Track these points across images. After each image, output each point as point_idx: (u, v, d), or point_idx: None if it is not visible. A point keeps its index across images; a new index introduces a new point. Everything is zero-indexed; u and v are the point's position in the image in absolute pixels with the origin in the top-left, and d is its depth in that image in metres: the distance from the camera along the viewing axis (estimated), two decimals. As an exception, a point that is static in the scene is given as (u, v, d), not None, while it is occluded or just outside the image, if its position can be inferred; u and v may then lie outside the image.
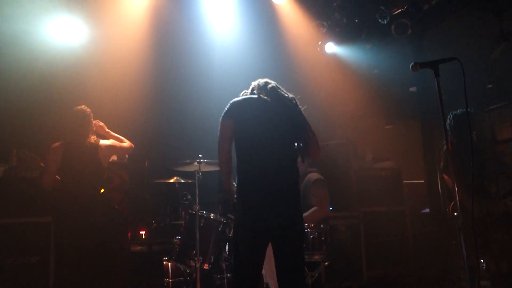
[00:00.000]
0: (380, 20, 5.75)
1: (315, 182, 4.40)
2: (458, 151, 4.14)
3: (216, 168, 4.12)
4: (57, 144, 4.00)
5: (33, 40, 5.13)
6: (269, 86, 3.05)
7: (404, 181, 6.17)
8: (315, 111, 7.19)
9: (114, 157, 4.84)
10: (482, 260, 5.90)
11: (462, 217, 2.48)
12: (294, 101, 3.03)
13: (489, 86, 8.58)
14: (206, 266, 3.79)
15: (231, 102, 2.99)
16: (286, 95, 3.02)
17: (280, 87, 3.11)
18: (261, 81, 3.12)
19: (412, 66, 2.66)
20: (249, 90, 3.13)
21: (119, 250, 4.56)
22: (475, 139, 4.71)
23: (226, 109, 2.96)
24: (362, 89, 7.74)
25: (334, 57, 6.53)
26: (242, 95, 3.12)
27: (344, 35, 6.22)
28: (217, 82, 5.88)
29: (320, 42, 6.40)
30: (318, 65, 6.81)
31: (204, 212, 3.94)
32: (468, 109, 3.74)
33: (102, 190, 4.47)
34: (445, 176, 4.35)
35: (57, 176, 3.97)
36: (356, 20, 6.04)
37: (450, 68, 2.87)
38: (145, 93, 6.01)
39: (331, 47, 6.39)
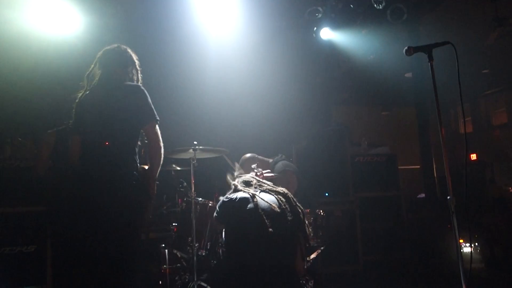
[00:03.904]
0: (375, 5, 5.71)
1: (282, 172, 4.50)
2: None
3: (212, 155, 4.13)
4: (51, 131, 4.00)
5: (26, 28, 5.08)
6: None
7: (399, 167, 6.19)
8: (311, 97, 7.23)
9: None
10: (476, 244, 5.98)
11: (454, 201, 2.50)
12: None
13: (485, 71, 8.59)
14: (202, 252, 3.82)
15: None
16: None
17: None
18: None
19: (406, 50, 2.66)
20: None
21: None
22: None
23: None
24: (358, 75, 7.73)
25: (329, 43, 6.49)
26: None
27: (339, 21, 6.17)
28: (212, 69, 5.86)
29: (315, 28, 6.36)
30: (313, 51, 6.78)
31: (200, 199, 3.95)
32: None
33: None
34: None
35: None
36: (351, 6, 5.99)
37: (446, 54, 2.87)
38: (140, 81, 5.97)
39: (327, 33, 6.35)
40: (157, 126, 2.91)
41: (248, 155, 4.72)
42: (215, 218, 3.13)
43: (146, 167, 2.92)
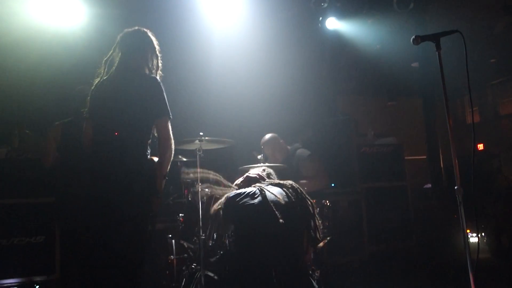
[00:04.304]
0: (381, -6, 5.67)
1: (309, 157, 4.53)
2: None
3: (218, 146, 4.13)
4: (58, 123, 4.02)
5: (31, 20, 5.09)
6: None
7: (406, 157, 6.17)
8: (317, 88, 7.20)
9: None
10: (483, 234, 5.97)
11: (462, 191, 2.49)
12: None
13: (492, 60, 8.51)
14: (209, 243, 3.84)
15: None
16: None
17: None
18: None
19: (414, 39, 2.63)
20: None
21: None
22: None
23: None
24: (364, 65, 7.68)
25: (335, 33, 6.45)
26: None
27: (345, 10, 6.13)
28: (217, 59, 5.84)
29: (321, 18, 6.32)
30: (319, 41, 6.74)
31: (206, 190, 3.96)
32: None
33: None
34: None
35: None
36: (357, -5, 5.96)
37: (453, 43, 2.84)
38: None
39: (332, 23, 6.30)
40: (169, 123, 2.84)
41: (268, 135, 4.71)
42: (222, 216, 3.10)
43: (156, 159, 2.89)
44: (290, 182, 3.10)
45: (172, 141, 2.83)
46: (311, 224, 2.98)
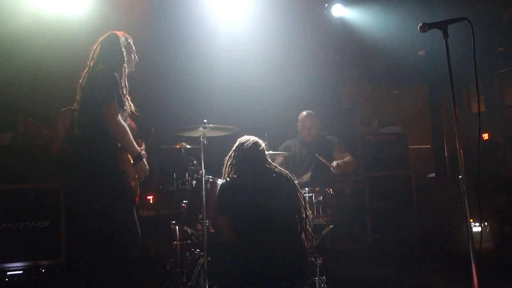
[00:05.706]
0: (388, -19, 5.60)
1: (340, 142, 4.66)
2: None
3: (222, 133, 4.13)
4: (64, 109, 4.02)
5: (37, 7, 5.07)
6: None
7: (410, 146, 6.16)
8: (322, 75, 7.15)
9: None
10: (486, 223, 5.97)
11: (466, 180, 2.48)
12: None
13: (500, 49, 8.40)
14: (212, 230, 3.86)
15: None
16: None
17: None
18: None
19: (421, 26, 2.59)
20: None
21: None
22: None
23: None
24: (370, 53, 7.62)
25: (341, 20, 6.38)
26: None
27: (351, -3, 6.07)
28: (222, 46, 5.81)
29: (326, 4, 6.25)
30: (325, 28, 6.68)
31: (210, 177, 3.97)
32: None
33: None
34: None
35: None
36: (363, -19, 5.88)
37: (460, 32, 2.80)
38: (150, 59, 5.95)
39: (338, 9, 6.24)
40: (110, 108, 2.83)
41: (308, 111, 4.76)
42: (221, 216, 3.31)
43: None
44: (286, 172, 3.28)
45: (114, 125, 2.83)
46: (302, 214, 3.17)
